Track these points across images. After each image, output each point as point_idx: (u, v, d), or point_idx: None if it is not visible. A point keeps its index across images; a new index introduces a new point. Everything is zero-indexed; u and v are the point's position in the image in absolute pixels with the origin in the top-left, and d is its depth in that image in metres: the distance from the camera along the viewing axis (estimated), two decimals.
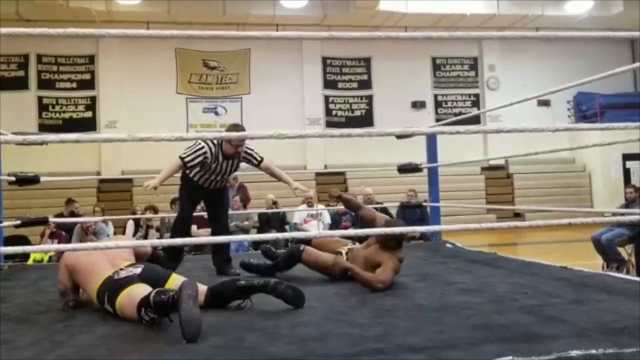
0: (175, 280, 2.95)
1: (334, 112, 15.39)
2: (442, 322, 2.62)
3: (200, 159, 4.22)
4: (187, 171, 4.38)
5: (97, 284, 2.97)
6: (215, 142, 4.28)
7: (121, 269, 2.98)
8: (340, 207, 9.51)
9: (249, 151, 4.43)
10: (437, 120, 14.75)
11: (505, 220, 11.55)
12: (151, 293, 2.63)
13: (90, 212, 9.33)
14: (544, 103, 15.42)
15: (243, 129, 4.18)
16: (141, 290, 2.77)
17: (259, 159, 4.50)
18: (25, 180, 5.34)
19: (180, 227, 4.51)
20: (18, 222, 5.44)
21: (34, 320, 2.93)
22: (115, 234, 9.72)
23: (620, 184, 13.50)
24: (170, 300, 2.53)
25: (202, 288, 2.96)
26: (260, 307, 3.10)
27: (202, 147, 4.22)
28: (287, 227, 9.75)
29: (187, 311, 2.43)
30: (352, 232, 3.48)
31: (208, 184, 4.43)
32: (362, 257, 3.75)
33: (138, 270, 2.96)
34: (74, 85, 14.27)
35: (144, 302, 2.63)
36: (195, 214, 4.77)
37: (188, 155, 4.22)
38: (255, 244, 8.52)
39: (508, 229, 2.91)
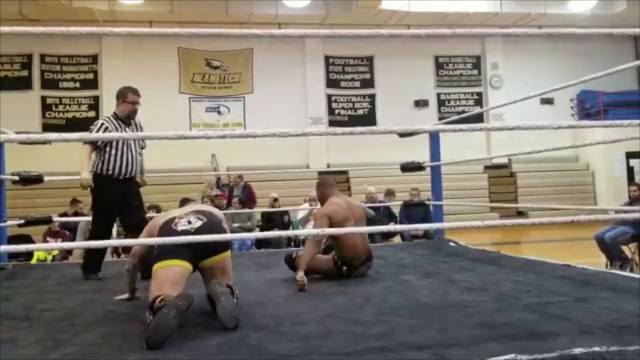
0: (226, 256, 2.91)
1: (336, 111, 15.38)
2: (445, 320, 2.62)
3: (97, 127, 4.30)
4: (100, 165, 4.31)
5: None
6: (109, 115, 4.45)
7: (185, 214, 2.94)
8: None
9: (138, 120, 4.58)
10: (440, 118, 14.73)
11: (509, 218, 11.53)
12: (156, 299, 2.55)
13: None
14: (547, 101, 15.39)
15: (136, 89, 4.45)
16: (163, 279, 2.69)
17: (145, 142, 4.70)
18: (29, 180, 5.36)
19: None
20: (21, 221, 5.45)
21: (37, 319, 2.93)
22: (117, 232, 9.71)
23: (623, 182, 13.48)
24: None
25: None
26: (263, 306, 3.10)
27: (97, 123, 4.37)
28: (290, 226, 9.74)
29: (160, 318, 2.38)
30: (353, 229, 3.47)
31: (120, 169, 4.33)
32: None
33: (198, 223, 2.86)
34: (77, 84, 14.30)
35: (151, 303, 2.57)
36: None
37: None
38: (259, 243, 8.54)
39: (511, 227, 2.91)
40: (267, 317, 2.83)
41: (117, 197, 4.35)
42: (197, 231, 2.82)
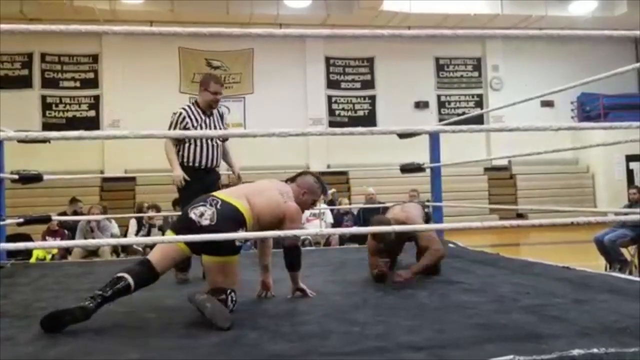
0: (227, 261, 2.92)
1: (337, 112, 15.38)
2: (443, 321, 2.62)
3: (179, 120, 4.19)
4: (180, 152, 4.24)
5: None
6: (189, 103, 4.36)
7: (214, 204, 2.99)
8: (342, 206, 9.53)
9: (222, 110, 4.48)
10: (440, 120, 14.73)
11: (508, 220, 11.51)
12: (128, 269, 2.80)
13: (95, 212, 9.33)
14: (548, 104, 15.39)
15: (219, 77, 4.38)
16: (163, 246, 2.92)
17: (228, 123, 4.58)
18: (28, 179, 5.35)
19: None
20: (21, 220, 5.44)
21: (35, 317, 2.91)
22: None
23: (623, 185, 13.47)
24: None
25: None
26: (261, 305, 3.10)
27: (177, 112, 4.24)
28: None
29: (79, 306, 2.61)
30: (352, 230, 3.47)
31: (202, 160, 4.26)
32: None
33: (206, 222, 2.87)
34: (78, 84, 14.29)
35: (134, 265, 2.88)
36: None
37: (170, 129, 4.22)
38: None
39: (510, 229, 2.90)
40: (265, 316, 2.83)
41: (201, 189, 4.12)
42: (201, 228, 2.83)
